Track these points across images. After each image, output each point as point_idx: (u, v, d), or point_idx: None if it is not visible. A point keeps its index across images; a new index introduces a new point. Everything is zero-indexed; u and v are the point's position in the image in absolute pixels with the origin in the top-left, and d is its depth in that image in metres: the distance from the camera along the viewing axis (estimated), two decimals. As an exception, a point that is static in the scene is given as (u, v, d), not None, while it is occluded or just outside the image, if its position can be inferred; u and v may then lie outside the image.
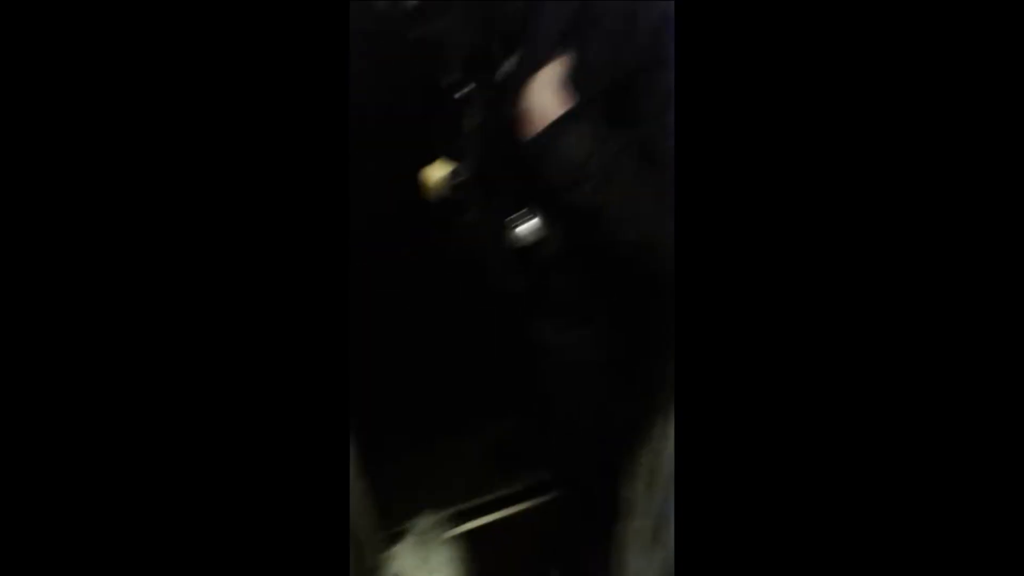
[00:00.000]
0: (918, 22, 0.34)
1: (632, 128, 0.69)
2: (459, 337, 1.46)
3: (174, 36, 0.39)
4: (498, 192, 0.85)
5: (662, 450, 1.31)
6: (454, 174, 0.90)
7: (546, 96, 0.70)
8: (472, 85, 0.81)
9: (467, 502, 1.63)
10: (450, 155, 0.89)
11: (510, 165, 0.82)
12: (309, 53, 0.41)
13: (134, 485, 0.39)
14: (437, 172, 0.93)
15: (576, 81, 0.69)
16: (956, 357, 0.35)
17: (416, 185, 0.94)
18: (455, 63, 0.80)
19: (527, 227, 0.81)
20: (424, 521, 1.17)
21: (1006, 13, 0.33)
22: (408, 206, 1.00)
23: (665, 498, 1.21)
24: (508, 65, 0.76)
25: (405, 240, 1.32)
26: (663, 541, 1.16)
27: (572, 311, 0.96)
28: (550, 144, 0.70)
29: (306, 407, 0.42)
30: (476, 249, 0.93)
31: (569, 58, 0.69)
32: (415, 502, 1.46)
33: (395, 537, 1.11)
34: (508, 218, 0.83)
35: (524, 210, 0.82)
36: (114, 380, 0.39)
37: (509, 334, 1.16)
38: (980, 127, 0.34)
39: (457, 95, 0.80)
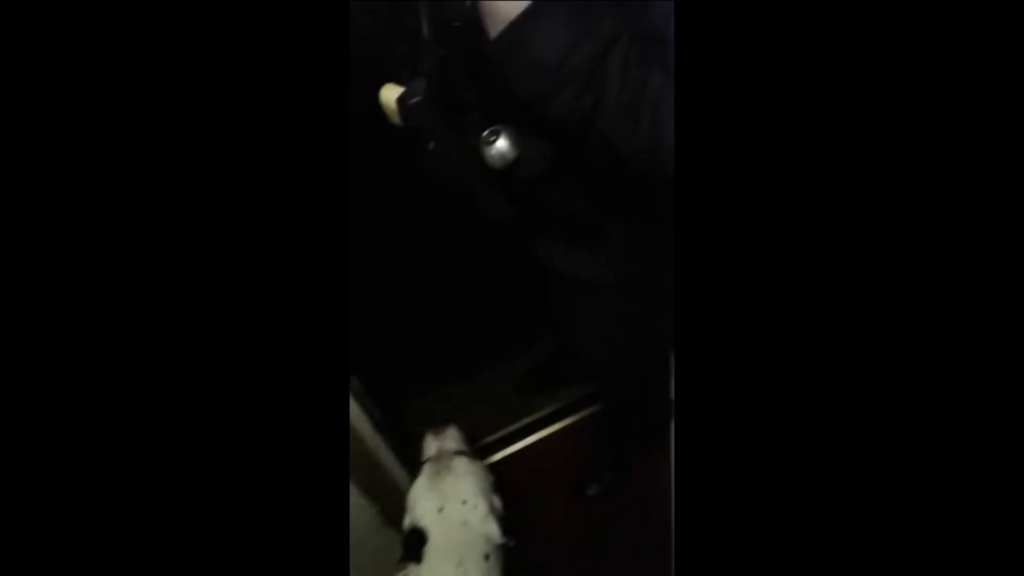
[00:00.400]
0: (918, 22, 0.34)
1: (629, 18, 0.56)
2: (463, 270, 1.37)
3: (174, 36, 0.39)
4: (464, 111, 0.73)
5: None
6: (403, 98, 0.77)
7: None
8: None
9: (500, 431, 1.60)
10: (406, 73, 0.76)
11: (475, 77, 0.69)
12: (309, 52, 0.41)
13: (125, 476, 0.40)
14: (391, 93, 0.80)
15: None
16: (957, 352, 0.36)
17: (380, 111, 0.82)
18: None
19: (498, 148, 0.70)
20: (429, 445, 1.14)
21: (1006, 13, 0.33)
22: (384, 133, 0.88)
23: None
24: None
25: (391, 173, 1.21)
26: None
27: (575, 231, 0.85)
28: (516, 47, 0.57)
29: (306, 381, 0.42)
30: (452, 178, 0.82)
31: None
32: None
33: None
34: (475, 140, 0.72)
35: (491, 129, 0.70)
36: (100, 362, 0.39)
37: (516, 263, 1.06)
38: (980, 127, 0.34)
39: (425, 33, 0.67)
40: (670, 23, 0.53)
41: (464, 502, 1.02)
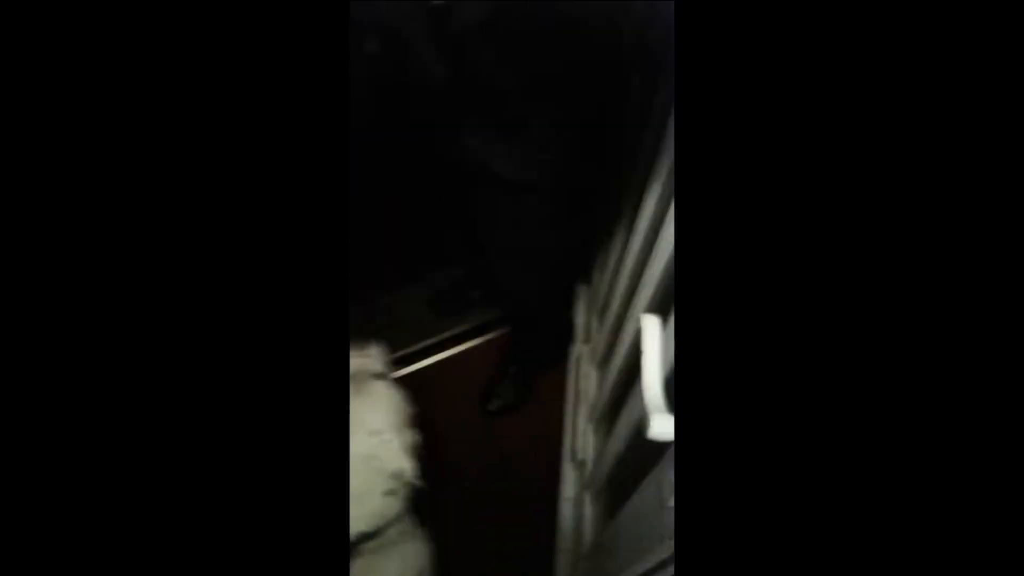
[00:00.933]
0: (918, 21, 0.34)
1: None
2: (384, 185, 1.33)
3: (173, 36, 0.39)
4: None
5: (608, 278, 1.27)
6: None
7: None
8: None
9: (413, 345, 1.59)
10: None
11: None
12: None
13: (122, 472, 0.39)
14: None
15: None
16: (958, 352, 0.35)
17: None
18: None
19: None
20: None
21: (1006, 13, 0.33)
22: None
23: (615, 325, 1.18)
24: None
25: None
26: (612, 364, 1.15)
27: (508, 115, 0.83)
28: None
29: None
30: (393, 35, 0.78)
31: None
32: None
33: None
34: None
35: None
36: (94, 354, 0.39)
37: (440, 158, 1.03)
38: (980, 127, 0.34)
39: None
40: None
41: (375, 433, 0.91)
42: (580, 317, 1.57)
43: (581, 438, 1.32)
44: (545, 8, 0.60)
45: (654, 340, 0.60)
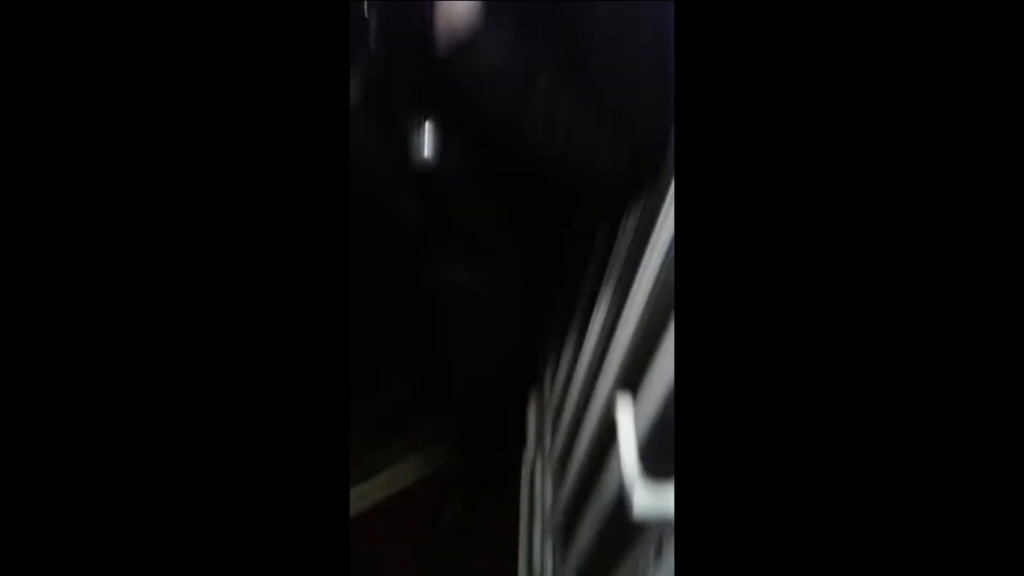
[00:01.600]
0: (918, 21, 0.34)
1: (551, 41, 0.70)
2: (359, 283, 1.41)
3: (173, 36, 0.39)
4: (397, 108, 0.83)
5: (564, 381, 1.36)
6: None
7: (454, 8, 0.69)
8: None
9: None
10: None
11: (413, 77, 0.80)
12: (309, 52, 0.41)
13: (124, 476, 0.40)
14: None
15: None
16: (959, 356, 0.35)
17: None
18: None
19: (426, 134, 0.80)
20: None
21: (1006, 13, 0.32)
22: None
23: (570, 429, 1.27)
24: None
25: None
26: (570, 470, 1.21)
27: (476, 240, 0.96)
28: (459, 57, 0.69)
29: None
30: (373, 172, 0.90)
31: None
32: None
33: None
34: (405, 126, 0.81)
35: (421, 121, 0.80)
36: (100, 363, 0.39)
37: (407, 273, 1.14)
38: (980, 127, 0.33)
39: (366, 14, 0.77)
40: (590, 53, 0.69)
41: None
42: (531, 420, 1.64)
43: (539, 552, 1.33)
44: (526, 155, 0.75)
45: (627, 417, 0.70)
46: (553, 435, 1.42)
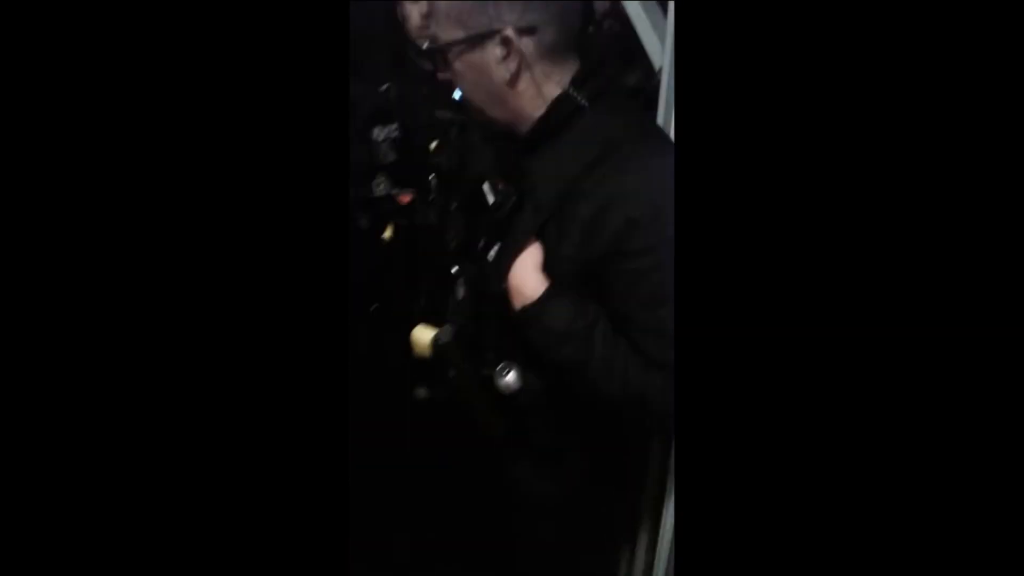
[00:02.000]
0: (916, 21, 0.33)
1: (606, 304, 0.87)
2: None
3: (174, 36, 0.39)
4: (482, 352, 1.01)
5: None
6: (437, 337, 1.06)
7: (526, 277, 0.89)
8: (462, 266, 1.00)
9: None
10: (439, 322, 1.06)
11: (494, 329, 0.99)
12: (309, 53, 0.41)
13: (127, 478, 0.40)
14: (424, 335, 1.09)
15: (552, 265, 0.88)
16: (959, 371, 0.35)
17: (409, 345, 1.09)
18: (450, 247, 1.00)
19: (508, 380, 0.96)
20: None
21: (1006, 13, 0.31)
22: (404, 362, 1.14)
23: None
24: (493, 252, 0.95)
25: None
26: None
27: (548, 454, 1.09)
28: (533, 316, 0.88)
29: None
30: (462, 400, 1.07)
31: (544, 247, 0.89)
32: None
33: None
34: (490, 370, 0.98)
35: (505, 363, 0.97)
36: (107, 373, 0.40)
37: (486, 479, 1.26)
38: (979, 126, 0.32)
39: (452, 271, 0.98)
40: (643, 311, 0.85)
41: None
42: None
43: None
44: (587, 390, 0.90)
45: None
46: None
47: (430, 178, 1.12)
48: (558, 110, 0.87)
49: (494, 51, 0.83)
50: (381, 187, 1.10)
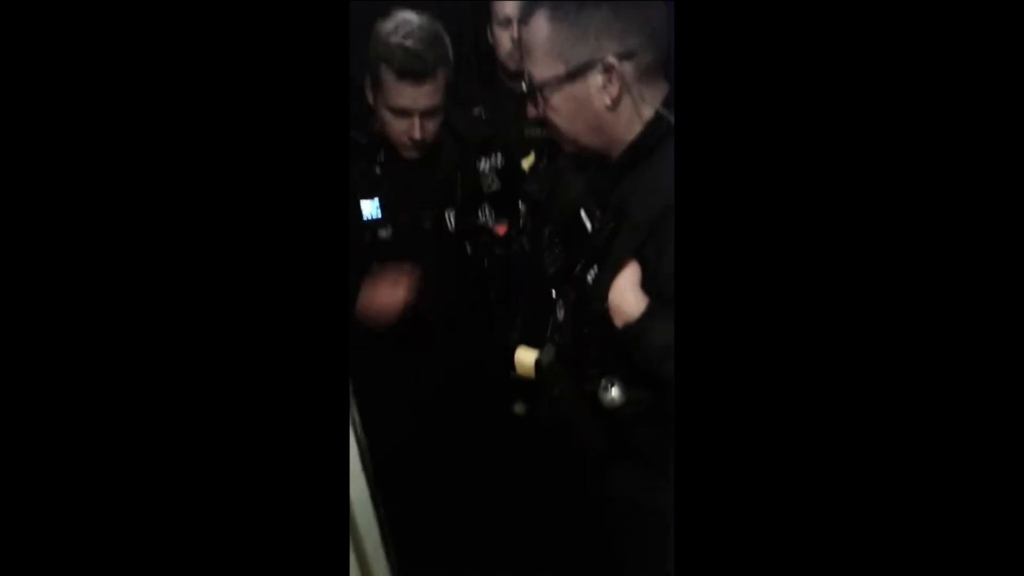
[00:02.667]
0: (915, 21, 0.33)
1: None
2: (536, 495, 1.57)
3: (174, 36, 0.39)
4: (583, 370, 1.06)
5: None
6: (540, 357, 1.12)
7: (627, 296, 0.93)
8: (560, 289, 1.05)
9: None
10: (540, 343, 1.12)
11: (594, 348, 1.03)
12: (309, 53, 0.41)
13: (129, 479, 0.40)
14: (527, 356, 1.15)
15: (652, 283, 0.92)
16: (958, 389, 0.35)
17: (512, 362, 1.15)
18: (549, 272, 1.05)
19: (612, 395, 1.01)
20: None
21: (1006, 13, 0.31)
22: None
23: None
24: (591, 274, 1.00)
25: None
26: None
27: (652, 468, 1.12)
28: (635, 333, 0.92)
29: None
30: (564, 416, 1.12)
31: (642, 267, 0.94)
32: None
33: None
34: (592, 387, 1.03)
35: (608, 378, 1.02)
36: (112, 378, 0.40)
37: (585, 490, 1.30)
38: (979, 126, 0.32)
39: (554, 294, 1.04)
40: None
41: None
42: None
43: None
44: None
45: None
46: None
47: (520, 206, 1.18)
48: (652, 131, 0.90)
49: (595, 79, 0.86)
50: (486, 218, 1.17)
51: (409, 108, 1.16)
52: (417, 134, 1.18)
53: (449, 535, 1.49)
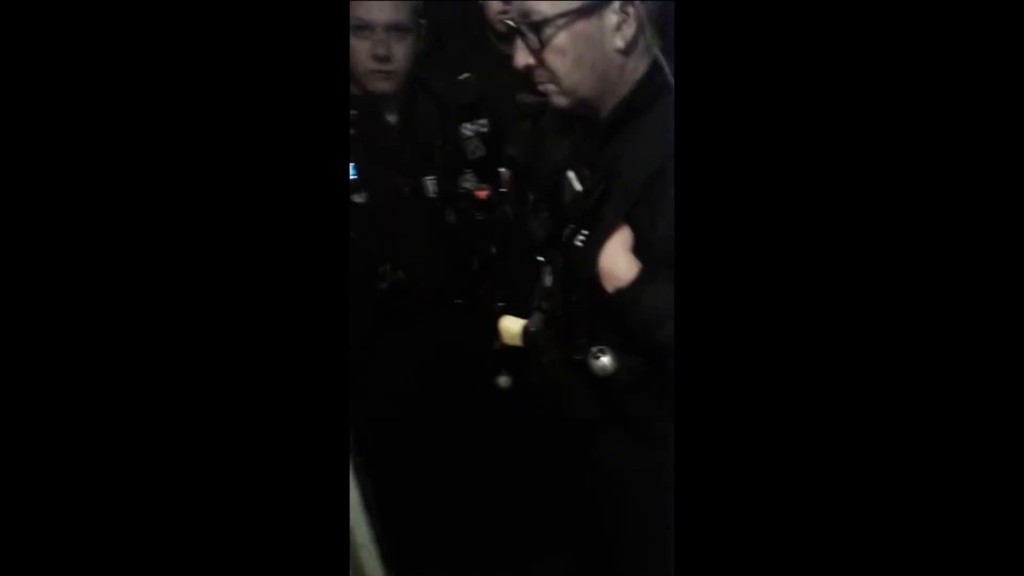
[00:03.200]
0: (914, 21, 0.33)
1: None
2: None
3: (175, 36, 0.39)
4: (572, 337, 1.03)
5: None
6: (528, 326, 1.08)
7: (618, 260, 0.90)
8: (547, 255, 1.01)
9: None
10: (524, 312, 1.08)
11: (584, 315, 1.00)
12: (309, 53, 0.42)
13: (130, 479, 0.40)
14: (513, 325, 1.11)
15: (647, 248, 0.89)
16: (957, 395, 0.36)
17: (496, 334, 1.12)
18: (536, 236, 1.01)
19: (603, 362, 0.98)
20: None
21: (1006, 13, 0.31)
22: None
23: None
24: (579, 239, 0.96)
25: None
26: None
27: (643, 432, 1.10)
28: (629, 298, 0.89)
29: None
30: (554, 384, 1.09)
31: (634, 230, 0.90)
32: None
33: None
34: (582, 355, 1.00)
35: (599, 347, 0.99)
36: (113, 380, 0.40)
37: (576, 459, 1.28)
38: (978, 126, 0.33)
39: (539, 258, 1.00)
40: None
41: None
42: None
43: None
44: None
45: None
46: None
47: (502, 171, 1.13)
48: (646, 86, 0.86)
49: (610, 18, 0.81)
50: (469, 183, 1.12)
51: (369, 22, 1.07)
52: (381, 50, 1.08)
53: (436, 511, 1.48)
